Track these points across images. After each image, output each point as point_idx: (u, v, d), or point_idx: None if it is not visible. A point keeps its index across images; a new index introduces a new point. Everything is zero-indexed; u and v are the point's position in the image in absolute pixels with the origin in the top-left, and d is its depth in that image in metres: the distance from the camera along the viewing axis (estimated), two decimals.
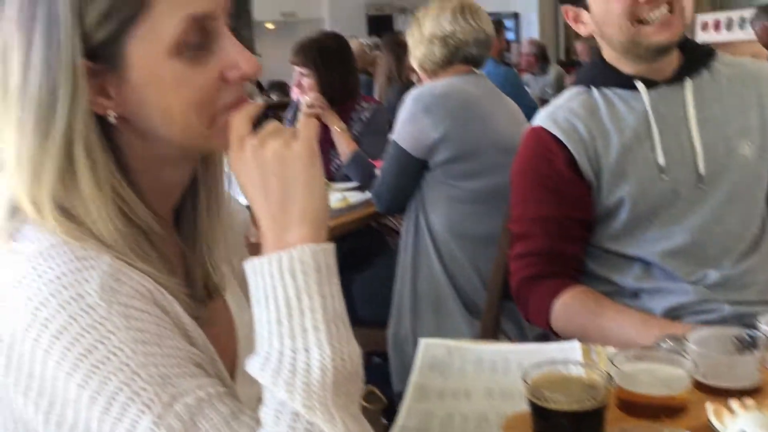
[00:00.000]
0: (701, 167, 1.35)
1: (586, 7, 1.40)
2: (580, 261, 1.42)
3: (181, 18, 0.69)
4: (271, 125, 0.74)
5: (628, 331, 1.23)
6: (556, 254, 1.39)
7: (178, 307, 0.72)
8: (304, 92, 2.77)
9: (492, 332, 1.74)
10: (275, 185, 0.70)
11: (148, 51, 0.69)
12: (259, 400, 0.67)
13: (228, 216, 0.88)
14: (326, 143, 2.82)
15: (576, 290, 1.34)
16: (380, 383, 1.06)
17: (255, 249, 1.01)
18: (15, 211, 0.71)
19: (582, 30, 1.44)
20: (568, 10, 1.44)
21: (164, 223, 0.79)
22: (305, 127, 0.74)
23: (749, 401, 0.81)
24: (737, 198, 1.36)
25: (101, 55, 0.69)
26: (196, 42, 0.71)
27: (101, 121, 0.71)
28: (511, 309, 1.94)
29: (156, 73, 0.70)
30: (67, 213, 0.69)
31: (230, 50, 0.73)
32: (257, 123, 0.74)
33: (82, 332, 0.63)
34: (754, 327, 0.94)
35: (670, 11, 1.33)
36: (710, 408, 0.82)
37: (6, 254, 0.69)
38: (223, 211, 0.86)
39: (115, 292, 0.66)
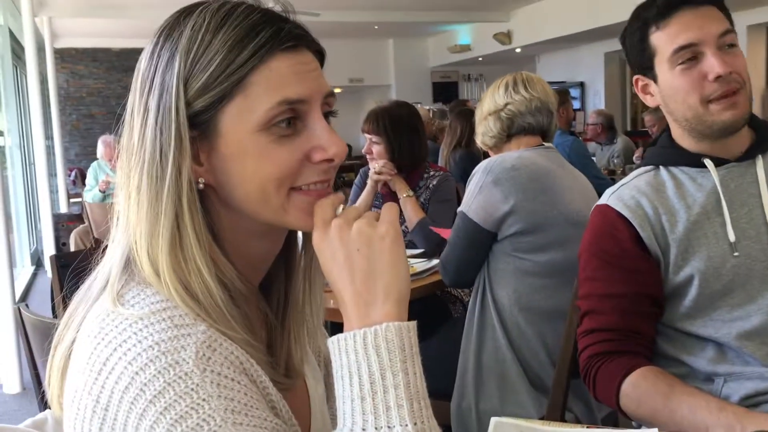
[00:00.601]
0: None
1: (655, 79, 1.40)
2: (651, 339, 1.39)
3: (274, 100, 0.73)
4: (353, 208, 0.77)
5: (702, 417, 1.18)
6: (626, 331, 1.36)
7: (265, 377, 0.73)
8: (374, 159, 2.82)
9: (560, 411, 1.69)
10: (361, 263, 0.73)
11: (239, 124, 0.74)
12: None
13: (320, 295, 0.89)
14: None
15: (647, 370, 1.30)
16: None
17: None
18: (127, 264, 0.75)
19: (649, 101, 1.45)
20: (638, 80, 1.45)
21: (252, 290, 0.81)
22: (387, 210, 0.77)
23: None
24: None
25: (198, 123, 0.74)
26: (285, 121, 0.74)
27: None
28: (578, 387, 1.90)
29: (242, 145, 0.74)
30: (175, 271, 0.72)
31: (319, 133, 0.76)
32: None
33: (177, 399, 0.65)
34: None
35: (736, 94, 1.33)
36: None
37: (111, 315, 0.71)
38: (320, 287, 0.88)
39: (209, 360, 0.68)
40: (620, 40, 1.48)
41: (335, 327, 2.22)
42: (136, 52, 0.81)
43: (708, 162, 1.37)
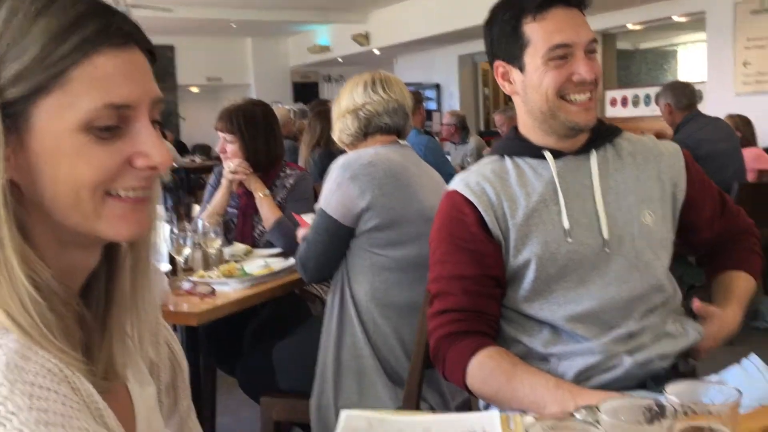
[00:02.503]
0: (605, 232, 1.42)
1: (521, 68, 1.44)
2: (497, 319, 1.46)
3: (97, 102, 0.69)
4: None
5: (540, 394, 1.27)
6: (474, 311, 1.42)
7: (89, 384, 0.69)
8: (228, 158, 2.76)
9: (414, 401, 1.74)
10: None
11: (55, 122, 0.69)
12: None
13: (150, 295, 0.84)
14: (250, 209, 2.81)
15: (492, 350, 1.37)
16: None
17: (170, 316, 0.97)
18: None
19: (507, 89, 1.50)
20: (500, 66, 1.48)
21: (69, 293, 0.75)
22: None
23: None
24: (642, 264, 1.43)
25: (8, 115, 0.68)
26: (108, 125, 0.70)
27: None
28: (433, 377, 1.96)
29: (57, 144, 0.69)
30: None
31: (145, 139, 0.73)
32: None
33: None
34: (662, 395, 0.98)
35: (590, 99, 1.42)
36: None
37: None
38: (147, 287, 0.83)
39: (21, 371, 0.63)
40: (485, 26, 1.49)
41: (189, 331, 2.16)
42: None
43: (547, 154, 1.46)
